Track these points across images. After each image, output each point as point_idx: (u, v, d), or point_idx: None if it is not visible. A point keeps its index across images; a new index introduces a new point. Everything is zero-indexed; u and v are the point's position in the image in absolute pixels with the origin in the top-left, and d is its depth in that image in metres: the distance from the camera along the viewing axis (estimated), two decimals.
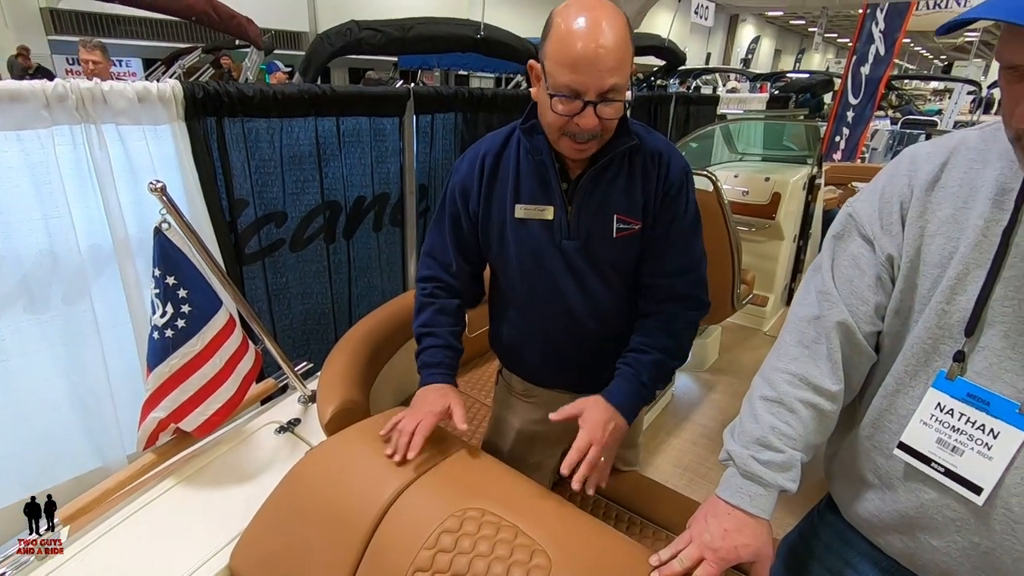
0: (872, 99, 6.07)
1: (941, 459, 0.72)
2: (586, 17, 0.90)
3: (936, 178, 0.75)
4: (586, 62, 0.89)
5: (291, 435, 1.46)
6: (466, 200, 1.14)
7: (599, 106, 0.93)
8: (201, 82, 1.72)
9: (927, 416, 0.73)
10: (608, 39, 0.89)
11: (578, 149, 1.00)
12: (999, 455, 0.67)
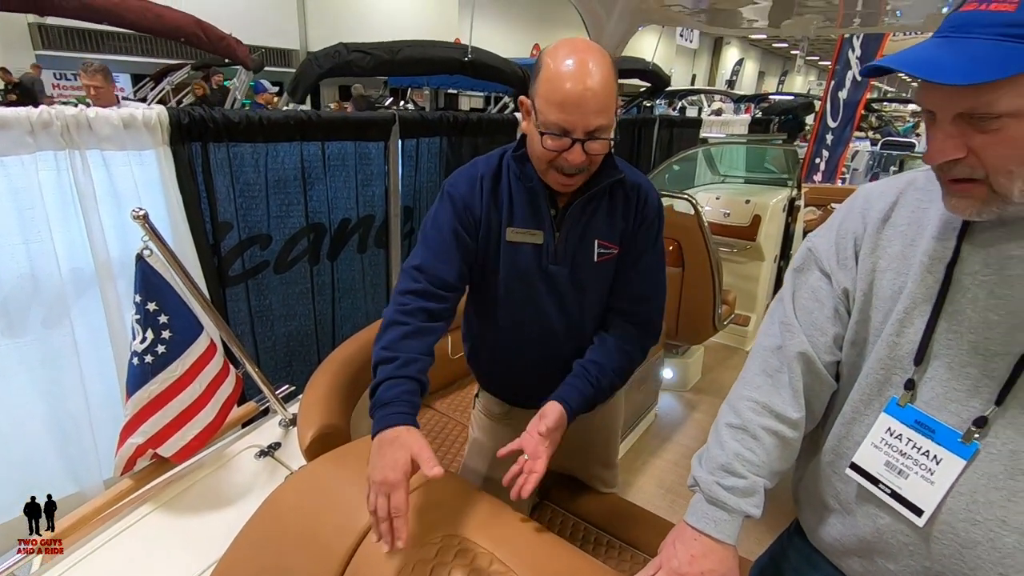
0: (851, 122, 6.25)
1: (888, 481, 0.75)
2: (574, 60, 0.95)
3: (887, 216, 0.79)
4: (573, 103, 0.94)
5: (271, 459, 1.46)
6: (471, 213, 1.13)
7: (587, 143, 0.98)
8: (187, 108, 1.74)
9: (878, 439, 0.76)
10: (595, 81, 0.94)
11: (565, 184, 1.05)
12: (940, 480, 0.70)
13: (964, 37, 0.60)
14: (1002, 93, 0.57)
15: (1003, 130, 0.59)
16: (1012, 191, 0.62)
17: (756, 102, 13.28)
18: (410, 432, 0.92)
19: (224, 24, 3.76)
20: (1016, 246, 0.67)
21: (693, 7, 2.45)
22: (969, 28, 0.60)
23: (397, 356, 0.98)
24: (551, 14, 15.31)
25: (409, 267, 1.10)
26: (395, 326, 1.02)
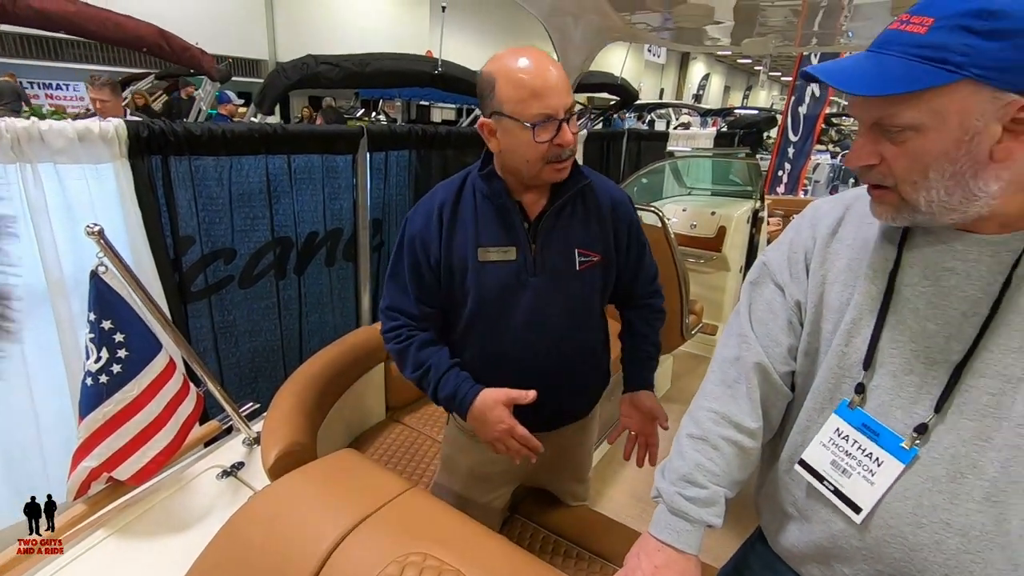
0: (811, 135, 6.48)
1: (832, 479, 0.78)
2: (525, 57, 1.03)
3: (834, 230, 0.82)
4: (549, 88, 1.01)
5: (234, 480, 1.42)
6: (427, 250, 1.16)
7: (568, 123, 1.05)
8: (146, 121, 1.71)
9: (826, 439, 0.79)
10: (553, 66, 1.03)
11: (559, 169, 1.10)
12: (879, 481, 0.73)
13: (882, 53, 0.64)
14: (905, 107, 0.62)
15: (908, 142, 0.64)
16: (919, 201, 0.66)
17: (722, 116, 13.65)
18: (486, 391, 1.14)
19: (191, 34, 3.70)
20: (950, 258, 0.70)
21: (658, 26, 2.51)
22: (888, 45, 0.64)
23: (428, 363, 1.17)
24: (521, 28, 15.50)
25: (383, 309, 1.24)
26: (406, 350, 1.18)
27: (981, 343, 0.67)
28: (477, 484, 1.36)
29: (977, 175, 0.62)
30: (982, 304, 0.68)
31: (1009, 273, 0.66)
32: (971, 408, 0.67)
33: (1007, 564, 0.66)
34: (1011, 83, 0.58)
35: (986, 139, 0.61)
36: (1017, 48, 0.57)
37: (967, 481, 0.67)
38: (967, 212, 0.65)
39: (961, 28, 0.59)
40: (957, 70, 0.59)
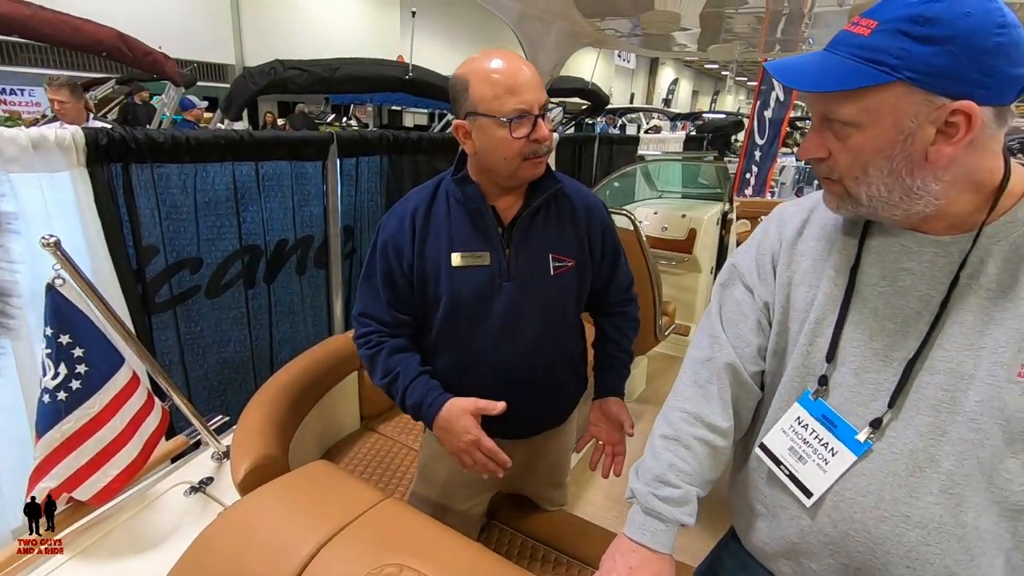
0: (776, 139, 6.64)
1: (789, 464, 0.81)
2: (496, 57, 1.04)
3: (799, 233, 0.85)
4: (523, 84, 1.03)
5: (203, 496, 1.39)
6: (400, 256, 1.15)
7: (543, 119, 1.06)
8: (106, 128, 1.65)
9: (787, 426, 0.81)
10: (525, 64, 1.05)
11: (536, 164, 1.10)
12: (832, 470, 0.75)
13: (831, 52, 0.67)
14: (845, 103, 0.65)
15: (849, 138, 0.67)
16: (860, 195, 0.69)
17: (691, 120, 13.91)
18: (454, 400, 1.13)
19: (153, 38, 3.61)
20: (906, 259, 0.73)
21: (627, 32, 2.55)
22: (837, 45, 0.67)
23: (397, 370, 1.16)
24: (491, 33, 15.54)
25: (356, 315, 1.23)
26: (376, 356, 1.17)
27: (934, 341, 0.70)
28: (454, 492, 1.35)
29: (913, 174, 0.65)
30: (934, 303, 0.70)
31: (957, 273, 0.68)
32: (927, 404, 0.70)
33: (964, 555, 0.68)
34: (943, 88, 0.60)
35: (920, 140, 0.63)
36: (949, 54, 0.59)
37: (925, 475, 0.69)
38: (909, 210, 0.68)
39: (899, 32, 0.61)
40: (891, 72, 0.61)
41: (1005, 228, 0.67)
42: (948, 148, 0.63)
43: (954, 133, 0.62)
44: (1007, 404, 0.64)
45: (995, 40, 0.59)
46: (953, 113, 0.61)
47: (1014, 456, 0.65)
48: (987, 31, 0.59)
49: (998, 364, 0.65)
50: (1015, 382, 0.64)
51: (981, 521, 0.67)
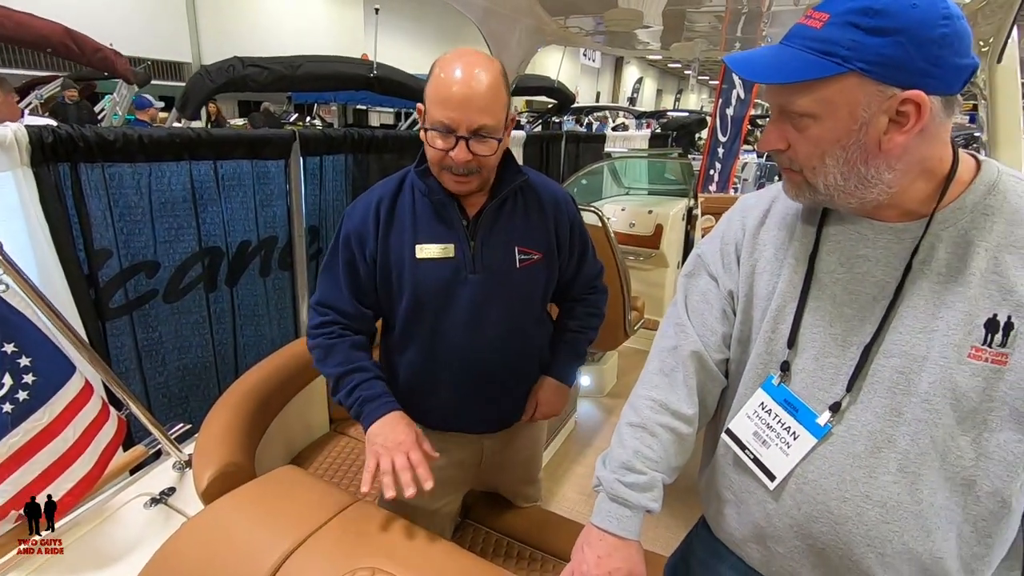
0: (738, 136, 6.78)
1: (753, 448, 0.83)
2: (461, 63, 1.01)
3: (761, 223, 0.87)
4: (457, 100, 0.99)
5: (164, 507, 1.34)
6: (363, 246, 1.14)
7: (472, 142, 1.02)
8: (52, 126, 1.58)
9: (751, 411, 0.83)
10: (479, 82, 1.00)
11: (458, 181, 1.08)
12: (794, 453, 0.78)
13: (787, 45, 0.69)
14: (801, 95, 0.67)
15: (807, 129, 0.69)
16: (818, 183, 0.71)
17: (656, 118, 14.13)
18: (408, 418, 1.10)
19: (106, 34, 3.47)
20: (862, 246, 0.75)
21: (591, 30, 2.57)
22: (792, 38, 0.69)
23: (362, 365, 1.12)
24: (457, 31, 15.47)
25: (314, 303, 1.19)
26: (334, 346, 1.14)
27: (889, 325, 0.72)
28: (425, 491, 1.33)
29: (868, 162, 0.67)
30: (888, 288, 0.73)
31: (910, 259, 0.71)
32: (883, 386, 0.72)
33: (920, 531, 0.70)
34: (893, 78, 0.63)
35: (874, 129, 0.66)
36: (897, 45, 0.61)
37: (883, 455, 0.72)
38: (864, 198, 0.70)
39: (850, 24, 0.63)
40: (843, 63, 0.63)
41: (954, 215, 0.70)
42: (900, 137, 0.65)
43: (905, 122, 0.64)
44: (958, 384, 0.67)
45: (941, 31, 0.61)
46: (904, 102, 0.63)
47: (964, 434, 0.68)
48: (933, 22, 0.61)
49: (949, 346, 0.68)
50: (965, 363, 0.67)
51: (936, 498, 0.70)
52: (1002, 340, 0.65)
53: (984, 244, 0.68)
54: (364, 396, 1.10)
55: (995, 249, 0.67)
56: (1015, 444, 0.66)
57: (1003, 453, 0.67)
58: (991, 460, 0.67)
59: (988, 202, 0.69)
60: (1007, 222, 0.68)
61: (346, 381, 1.11)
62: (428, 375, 1.21)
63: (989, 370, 0.66)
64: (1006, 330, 0.65)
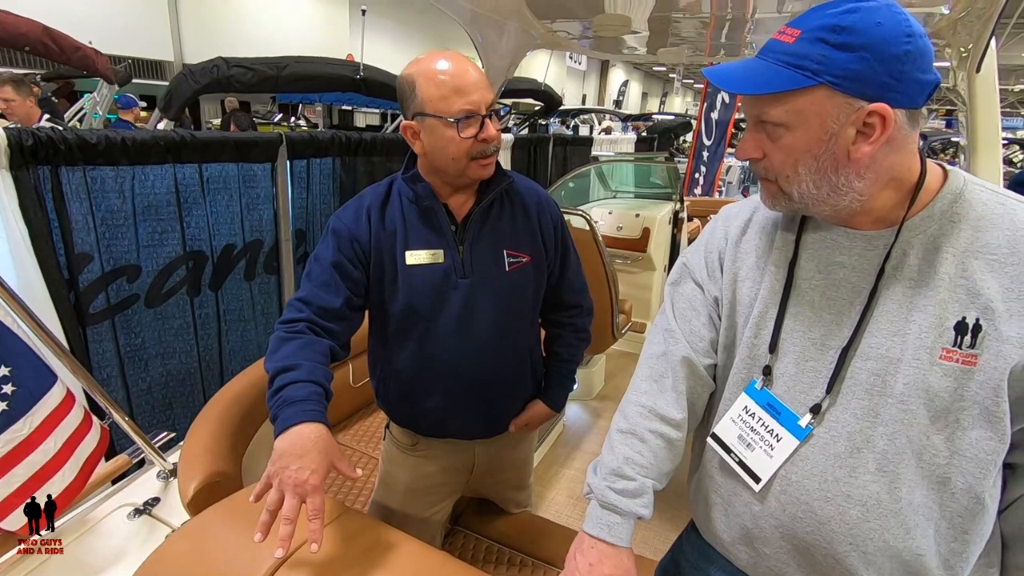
0: (723, 140, 6.87)
1: (738, 451, 0.85)
2: (443, 58, 1.04)
3: (743, 231, 0.89)
4: (470, 85, 1.03)
5: (148, 518, 1.31)
6: (358, 246, 1.12)
7: (490, 120, 1.06)
8: (31, 128, 1.54)
9: (736, 415, 0.85)
10: (471, 66, 1.05)
11: (484, 165, 1.10)
12: (777, 455, 0.80)
13: (762, 58, 0.72)
14: (775, 106, 0.70)
15: (781, 139, 0.72)
16: (792, 192, 0.74)
17: (642, 120, 14.23)
18: (329, 436, 0.92)
19: (86, 32, 3.41)
20: (838, 253, 0.78)
21: (578, 34, 2.58)
22: (767, 52, 0.72)
23: (299, 364, 0.97)
24: (445, 32, 15.45)
25: (293, 299, 1.10)
26: (287, 342, 1.02)
27: (865, 328, 0.75)
28: (416, 499, 1.33)
29: (838, 171, 0.70)
30: (864, 293, 0.75)
31: (882, 264, 0.74)
32: (861, 388, 0.74)
33: (900, 529, 0.72)
34: (860, 91, 0.66)
35: (843, 140, 0.69)
36: (863, 60, 0.65)
37: (862, 455, 0.74)
38: (837, 205, 0.73)
39: (819, 40, 0.67)
40: (814, 76, 0.66)
41: (924, 222, 0.73)
42: (867, 147, 0.68)
43: (871, 133, 0.68)
44: (931, 385, 0.70)
45: (904, 48, 0.65)
46: (870, 115, 0.67)
47: (938, 433, 0.70)
48: (897, 39, 0.65)
49: (922, 348, 0.70)
50: (936, 364, 0.69)
51: (914, 496, 0.72)
52: (971, 342, 0.68)
53: (952, 250, 0.71)
54: (285, 398, 0.92)
55: (962, 255, 0.70)
56: (986, 442, 0.69)
57: (975, 451, 0.69)
58: (964, 457, 0.70)
59: (955, 209, 0.72)
60: (972, 228, 0.71)
61: (278, 379, 0.95)
62: (420, 381, 1.20)
63: (959, 371, 0.68)
64: (974, 332, 0.68)
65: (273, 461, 0.88)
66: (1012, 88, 21.06)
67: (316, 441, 0.89)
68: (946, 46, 1.79)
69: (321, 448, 0.88)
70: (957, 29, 1.68)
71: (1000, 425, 0.68)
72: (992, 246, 0.69)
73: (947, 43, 1.78)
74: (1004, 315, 0.67)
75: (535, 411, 1.33)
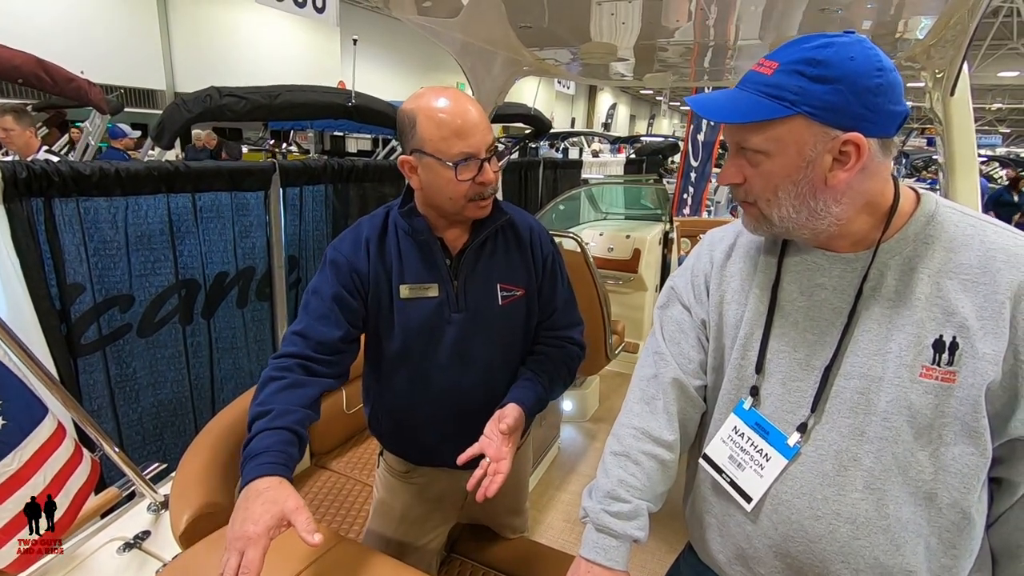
0: (709, 160, 6.98)
1: (729, 472, 0.86)
2: (445, 96, 1.04)
3: (728, 256, 0.92)
4: (470, 128, 1.03)
5: (139, 551, 1.29)
6: (357, 276, 1.11)
7: (489, 162, 1.06)
8: (25, 161, 1.55)
9: (726, 435, 0.87)
10: (473, 106, 1.05)
11: (482, 207, 1.10)
12: (767, 474, 0.81)
13: (742, 89, 0.75)
14: (755, 134, 0.73)
15: (761, 165, 0.75)
16: (772, 216, 0.77)
17: (630, 143, 14.45)
18: (283, 485, 0.85)
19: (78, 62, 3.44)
20: (819, 275, 0.81)
21: (567, 61, 2.64)
22: (746, 83, 0.75)
23: (271, 409, 0.95)
24: (435, 58, 15.70)
25: (290, 333, 1.09)
26: (270, 382, 1.00)
27: (846, 348, 0.77)
28: (412, 527, 1.32)
29: (816, 196, 0.73)
30: (844, 313, 0.77)
31: (860, 285, 0.76)
32: (846, 407, 0.76)
33: (890, 545, 0.73)
34: (835, 121, 0.70)
35: (820, 167, 0.72)
36: (838, 92, 0.68)
37: (850, 473, 0.75)
38: (816, 229, 0.76)
39: (796, 72, 0.70)
40: (791, 106, 0.70)
41: (899, 244, 0.76)
42: (843, 174, 0.72)
43: (847, 161, 0.71)
44: (912, 402, 0.71)
45: (875, 81, 0.69)
46: (845, 143, 0.70)
47: (922, 449, 0.72)
48: (868, 73, 0.68)
49: (903, 366, 0.72)
50: (917, 382, 0.71)
51: (902, 512, 0.73)
52: (949, 359, 0.70)
53: (927, 270, 0.74)
54: (249, 451, 0.90)
55: (936, 275, 0.73)
56: (968, 457, 0.71)
57: (959, 466, 0.71)
58: (948, 473, 0.71)
59: (928, 231, 0.75)
60: (945, 249, 0.74)
61: (253, 427, 0.93)
62: (414, 412, 1.20)
63: (939, 388, 0.70)
64: (951, 350, 0.70)
65: (240, 510, 0.83)
66: (989, 107, 21.63)
67: (264, 492, 0.83)
68: (921, 70, 1.85)
69: (269, 498, 0.82)
70: (931, 54, 1.75)
71: (981, 440, 0.70)
72: (964, 266, 0.72)
73: (922, 67, 1.84)
74: (979, 333, 0.69)
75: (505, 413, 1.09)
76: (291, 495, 0.84)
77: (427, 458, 1.27)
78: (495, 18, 1.76)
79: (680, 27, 1.79)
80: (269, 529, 0.80)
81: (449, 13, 1.74)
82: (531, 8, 1.61)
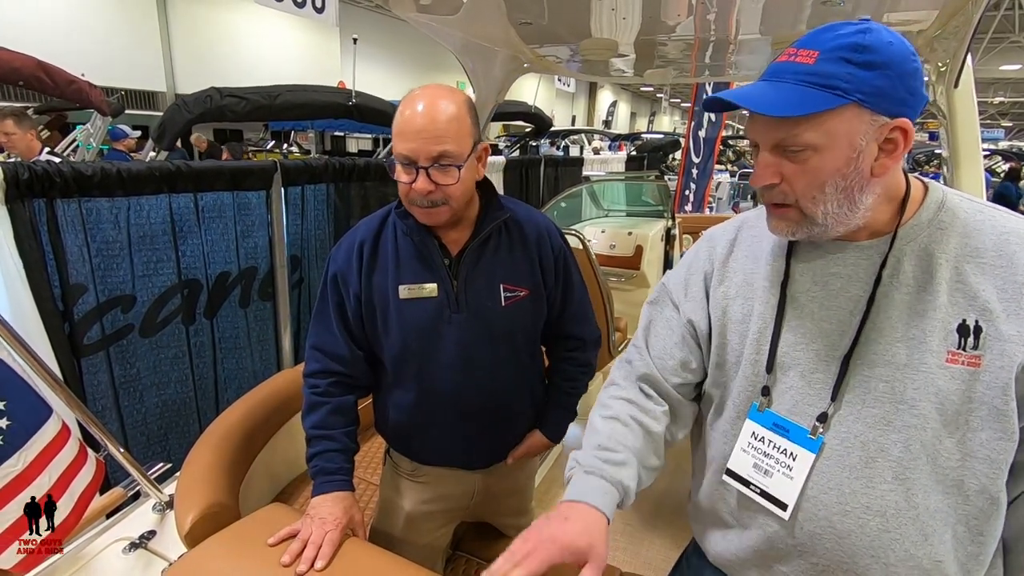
0: (711, 157, 6.98)
1: (757, 481, 0.82)
2: (421, 96, 1.02)
3: (729, 252, 0.91)
4: (414, 131, 1.00)
5: (144, 551, 1.29)
6: (347, 288, 1.14)
7: (432, 171, 1.01)
8: (27, 162, 1.55)
9: (745, 444, 0.84)
10: (439, 112, 1.00)
11: (426, 214, 1.07)
12: (797, 474, 0.78)
13: (778, 81, 0.72)
14: (804, 128, 0.70)
15: (807, 161, 0.72)
16: (817, 214, 0.74)
17: (631, 140, 14.44)
18: (352, 500, 1.12)
19: (79, 64, 3.44)
20: (834, 264, 0.79)
21: (567, 58, 2.63)
22: (782, 74, 0.72)
23: (331, 432, 1.15)
24: (435, 58, 15.69)
25: (309, 347, 1.20)
26: (318, 407, 1.16)
27: (867, 335, 0.75)
28: (417, 525, 1.31)
29: (863, 188, 0.72)
30: (862, 301, 0.76)
31: (879, 272, 0.75)
32: (872, 396, 0.75)
33: (919, 535, 0.72)
34: (884, 108, 0.68)
35: (868, 156, 0.70)
36: (886, 76, 0.67)
37: (877, 464, 0.74)
38: (850, 223, 0.75)
39: (842, 59, 0.68)
40: (845, 95, 0.68)
41: (914, 231, 0.75)
42: (890, 161, 0.71)
43: (893, 148, 0.70)
44: (940, 388, 0.70)
45: (913, 64, 0.68)
46: (893, 130, 0.69)
47: (950, 436, 0.71)
48: (907, 57, 0.68)
49: (928, 352, 0.71)
50: (943, 368, 0.71)
51: (930, 501, 0.72)
52: (974, 343, 0.70)
53: (944, 256, 0.73)
54: (321, 467, 1.13)
55: (955, 260, 0.72)
56: (996, 442, 0.70)
57: (986, 451, 0.70)
58: (976, 459, 0.70)
59: (941, 218, 0.75)
60: (960, 235, 0.73)
61: (313, 444, 1.15)
62: (418, 414, 1.19)
63: (966, 373, 0.70)
64: (976, 333, 0.70)
65: (309, 512, 1.05)
66: (991, 100, 21.56)
67: (341, 500, 1.09)
68: (924, 62, 1.84)
69: (345, 506, 1.08)
70: (934, 46, 1.74)
71: (1009, 423, 0.69)
72: (981, 250, 0.72)
73: (925, 60, 1.83)
74: (1002, 315, 0.69)
75: (532, 442, 1.31)
76: (358, 513, 1.12)
77: (434, 458, 1.26)
78: (495, 15, 1.75)
79: (681, 22, 1.78)
80: (346, 526, 1.05)
81: (449, 10, 1.74)
82: (531, 4, 1.61)
